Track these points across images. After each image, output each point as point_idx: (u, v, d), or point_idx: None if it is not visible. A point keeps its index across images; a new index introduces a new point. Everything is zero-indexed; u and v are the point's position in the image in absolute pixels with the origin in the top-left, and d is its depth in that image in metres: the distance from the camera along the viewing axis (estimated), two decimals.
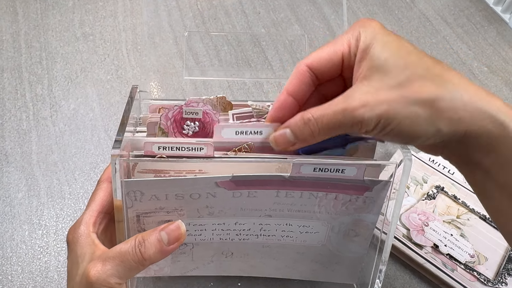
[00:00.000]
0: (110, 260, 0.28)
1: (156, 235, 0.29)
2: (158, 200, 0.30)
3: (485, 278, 0.41)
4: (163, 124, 0.32)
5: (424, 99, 0.25)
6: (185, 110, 0.31)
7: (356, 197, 0.31)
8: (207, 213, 0.32)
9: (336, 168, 0.29)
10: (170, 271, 0.37)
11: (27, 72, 0.57)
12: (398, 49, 0.26)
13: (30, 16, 0.62)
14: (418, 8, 0.69)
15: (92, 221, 0.31)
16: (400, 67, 0.26)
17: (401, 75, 0.26)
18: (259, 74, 0.57)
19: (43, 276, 0.42)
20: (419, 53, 0.27)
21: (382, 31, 0.27)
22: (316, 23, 0.65)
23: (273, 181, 0.30)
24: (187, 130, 0.32)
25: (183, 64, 0.46)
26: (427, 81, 0.25)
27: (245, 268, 0.38)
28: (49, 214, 0.46)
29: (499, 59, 0.64)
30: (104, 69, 0.58)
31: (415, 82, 0.25)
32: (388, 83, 0.26)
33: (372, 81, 0.26)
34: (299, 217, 0.33)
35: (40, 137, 0.51)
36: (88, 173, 0.49)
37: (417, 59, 0.26)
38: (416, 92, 0.25)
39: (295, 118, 0.28)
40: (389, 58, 0.26)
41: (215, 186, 0.30)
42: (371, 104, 0.25)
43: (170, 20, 0.62)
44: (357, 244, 0.35)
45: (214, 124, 0.31)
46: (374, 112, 0.25)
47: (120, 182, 0.29)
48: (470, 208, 0.46)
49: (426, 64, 0.26)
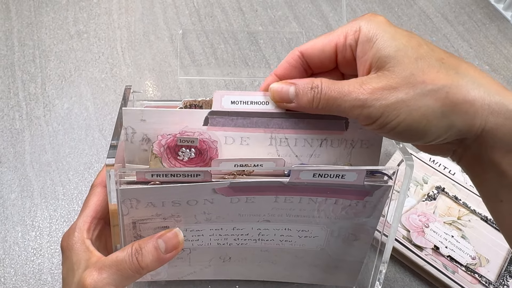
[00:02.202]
0: (106, 268, 0.28)
1: (153, 243, 0.29)
2: (154, 207, 0.30)
3: (486, 281, 0.41)
4: (156, 150, 0.30)
5: (437, 89, 0.24)
6: (179, 138, 0.30)
7: (356, 201, 0.31)
8: (204, 219, 0.32)
9: (336, 174, 0.29)
10: (167, 276, 0.37)
11: (20, 70, 0.56)
12: (408, 41, 0.25)
13: (23, 13, 0.62)
14: (418, 5, 0.69)
15: (86, 227, 0.31)
16: (411, 58, 0.25)
17: (412, 65, 0.24)
18: (256, 73, 0.56)
19: (37, 278, 0.42)
20: (431, 45, 0.26)
21: (388, 24, 0.27)
22: (314, 21, 0.64)
23: (271, 187, 0.30)
24: (182, 156, 0.31)
25: (178, 64, 0.46)
26: (441, 71, 0.24)
27: (243, 272, 0.38)
28: (43, 215, 0.45)
29: (500, 57, 0.63)
30: (98, 67, 0.57)
31: (428, 72, 0.24)
32: (399, 74, 0.25)
33: (383, 71, 0.25)
34: (298, 222, 0.33)
35: (33, 136, 0.51)
36: (82, 173, 0.48)
37: (429, 50, 0.25)
38: (428, 82, 0.24)
39: (304, 80, 0.27)
40: (400, 49, 0.25)
41: (212, 192, 0.29)
42: (381, 93, 0.24)
43: (166, 17, 0.62)
44: (356, 248, 0.34)
45: (211, 151, 0.30)
46: (382, 102, 0.24)
47: (115, 191, 0.28)
48: (472, 209, 0.46)
49: (440, 55, 0.25)
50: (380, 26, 0.26)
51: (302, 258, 0.36)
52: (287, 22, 0.63)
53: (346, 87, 0.26)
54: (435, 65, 0.24)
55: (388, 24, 0.27)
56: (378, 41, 0.26)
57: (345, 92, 0.25)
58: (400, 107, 0.24)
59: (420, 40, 0.26)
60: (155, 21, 0.61)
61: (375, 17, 0.27)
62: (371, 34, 0.26)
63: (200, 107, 0.32)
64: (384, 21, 0.27)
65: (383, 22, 0.27)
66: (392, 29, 0.26)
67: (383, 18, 0.27)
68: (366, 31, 0.26)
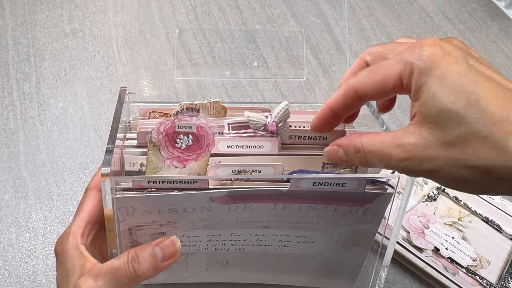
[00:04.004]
0: (102, 276, 0.27)
1: (150, 250, 0.28)
2: (150, 214, 0.30)
3: (487, 283, 0.41)
4: (154, 138, 0.30)
5: (479, 166, 0.22)
6: (177, 124, 0.30)
7: (357, 208, 0.30)
8: (201, 226, 0.31)
9: (336, 182, 0.28)
10: (164, 279, 0.37)
11: (14, 69, 0.56)
12: (457, 91, 0.22)
13: (17, 11, 0.61)
14: (418, 3, 0.68)
15: (80, 232, 0.30)
16: (454, 121, 0.22)
17: (455, 130, 0.22)
18: (254, 72, 0.56)
19: (31, 280, 0.41)
20: (486, 96, 0.22)
21: (438, 62, 0.22)
22: (312, 19, 0.63)
23: (270, 195, 0.29)
24: (180, 143, 0.31)
25: (175, 64, 0.45)
26: (486, 144, 0.21)
27: (240, 276, 0.37)
28: (37, 216, 0.45)
29: (502, 56, 0.63)
30: (93, 66, 0.57)
31: (471, 142, 0.22)
32: (439, 138, 0.22)
33: (423, 130, 0.23)
34: (297, 228, 0.32)
35: (28, 136, 0.50)
36: (78, 173, 0.48)
37: (479, 108, 0.21)
38: (470, 157, 0.22)
39: (347, 142, 0.27)
40: (442, 109, 0.22)
41: (210, 200, 0.29)
42: (418, 159, 0.23)
43: (162, 15, 0.61)
44: (356, 253, 0.34)
45: (208, 137, 0.30)
46: (419, 168, 0.23)
47: (110, 199, 0.28)
48: (472, 210, 0.46)
49: (491, 118, 0.21)
50: (428, 69, 0.22)
51: (300, 263, 0.36)
52: (285, 20, 0.63)
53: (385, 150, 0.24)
54: (481, 132, 0.21)
55: (438, 62, 0.22)
56: (424, 94, 0.23)
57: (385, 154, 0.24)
58: (437, 175, 0.23)
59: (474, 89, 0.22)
60: (151, 19, 0.61)
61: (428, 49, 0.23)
62: (420, 82, 0.23)
63: (197, 111, 0.32)
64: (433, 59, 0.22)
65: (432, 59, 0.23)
66: (442, 72, 0.22)
67: (436, 50, 0.23)
68: (416, 77, 0.23)
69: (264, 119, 0.31)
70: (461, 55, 0.23)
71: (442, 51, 0.23)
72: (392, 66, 0.24)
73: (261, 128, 0.31)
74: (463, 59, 0.23)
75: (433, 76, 0.22)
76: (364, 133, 0.26)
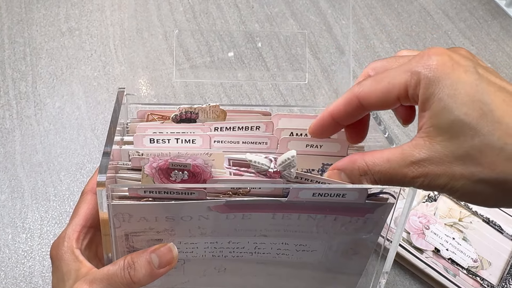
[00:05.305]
0: (97, 282, 0.27)
1: (146, 257, 0.28)
2: (147, 222, 0.29)
3: (488, 284, 0.41)
4: (147, 171, 0.29)
5: (494, 179, 0.21)
6: (171, 163, 0.29)
7: (357, 218, 0.30)
8: (199, 233, 0.31)
9: (336, 193, 0.28)
10: (161, 284, 0.36)
11: (10, 68, 0.56)
12: (470, 102, 0.21)
13: (14, 10, 0.61)
14: (418, 1, 0.68)
15: (75, 236, 0.30)
16: (467, 133, 0.21)
17: (468, 142, 0.21)
18: (253, 72, 0.55)
19: (27, 281, 0.41)
20: (499, 106, 0.21)
21: (448, 72, 0.22)
22: (312, 18, 0.63)
23: (269, 205, 0.29)
24: (175, 177, 0.30)
25: (174, 65, 0.45)
26: (501, 156, 0.21)
27: (238, 282, 0.37)
28: (34, 217, 0.45)
29: (503, 55, 0.63)
30: (90, 65, 0.57)
31: (485, 155, 0.21)
32: (452, 151, 0.21)
33: (434, 143, 0.22)
34: (295, 237, 0.32)
35: (24, 136, 0.50)
36: (74, 174, 0.48)
37: (492, 119, 0.21)
38: (485, 170, 0.21)
39: (350, 164, 0.26)
40: (455, 120, 0.21)
41: (208, 210, 0.29)
42: (433, 174, 0.22)
43: (160, 14, 0.61)
44: (355, 262, 0.34)
45: (205, 174, 0.29)
46: (434, 183, 0.22)
47: (106, 206, 0.27)
48: (473, 210, 0.46)
49: (506, 129, 0.21)
50: (437, 80, 0.21)
51: (299, 270, 0.35)
52: (284, 19, 0.62)
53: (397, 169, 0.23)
54: (495, 144, 0.21)
55: (447, 72, 0.21)
56: (433, 105, 0.22)
57: (395, 173, 0.24)
58: (451, 190, 0.22)
59: (486, 98, 0.21)
60: (148, 18, 0.60)
61: (435, 58, 0.22)
62: (429, 93, 0.22)
63: (196, 114, 0.31)
64: (443, 68, 0.21)
65: (441, 69, 0.22)
66: (452, 82, 0.21)
67: (444, 60, 0.22)
68: (424, 88, 0.22)
69: (267, 163, 0.28)
70: (470, 64, 0.22)
71: (451, 61, 0.22)
72: (397, 75, 0.23)
73: (263, 172, 0.29)
74: (473, 69, 0.22)
75: (442, 87, 0.22)
76: (366, 152, 0.25)
